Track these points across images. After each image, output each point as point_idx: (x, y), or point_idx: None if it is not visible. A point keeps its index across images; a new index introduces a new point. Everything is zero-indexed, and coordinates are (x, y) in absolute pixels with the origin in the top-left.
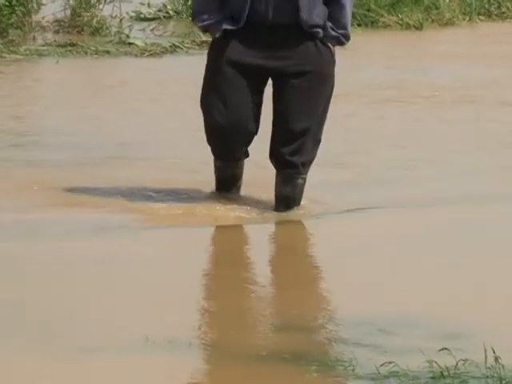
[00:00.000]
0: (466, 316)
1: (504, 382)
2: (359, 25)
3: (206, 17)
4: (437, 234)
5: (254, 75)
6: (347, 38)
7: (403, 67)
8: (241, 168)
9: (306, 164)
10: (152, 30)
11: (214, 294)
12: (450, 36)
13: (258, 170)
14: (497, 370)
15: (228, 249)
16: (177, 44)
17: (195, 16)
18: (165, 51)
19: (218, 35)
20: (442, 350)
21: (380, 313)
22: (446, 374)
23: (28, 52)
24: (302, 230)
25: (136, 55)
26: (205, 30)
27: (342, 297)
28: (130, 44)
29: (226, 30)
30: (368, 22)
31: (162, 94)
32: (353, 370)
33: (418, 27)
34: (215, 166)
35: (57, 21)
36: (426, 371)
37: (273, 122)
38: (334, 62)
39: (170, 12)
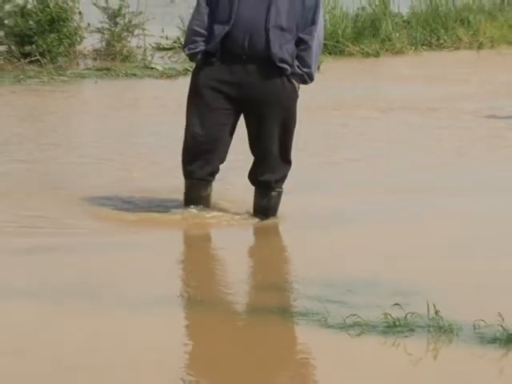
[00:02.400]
0: (412, 279)
1: (442, 329)
2: (330, 53)
3: (191, 46)
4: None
5: (228, 100)
6: (311, 77)
7: (364, 86)
8: (206, 191)
9: (279, 181)
10: (169, 57)
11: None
12: (400, 62)
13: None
14: (437, 321)
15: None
16: (188, 68)
17: (184, 45)
18: (179, 74)
19: (198, 62)
20: (395, 305)
21: (346, 277)
22: (397, 323)
23: (73, 75)
24: (275, 231)
25: (156, 77)
26: (190, 57)
27: (317, 266)
28: (152, 68)
29: (205, 57)
30: (337, 51)
31: (177, 107)
32: (325, 321)
33: (376, 55)
34: (185, 187)
35: (95, 50)
36: (382, 322)
37: (248, 145)
38: (296, 96)
39: (183, 43)
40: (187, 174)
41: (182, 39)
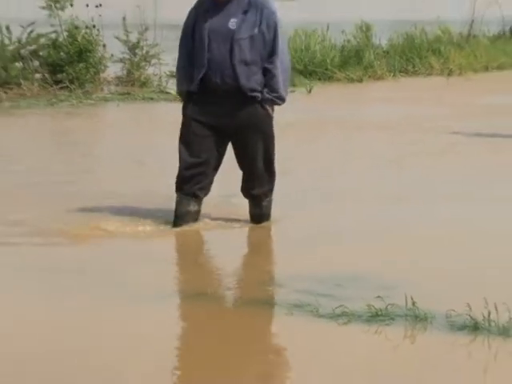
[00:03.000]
0: (393, 274)
1: (418, 318)
2: (319, 79)
3: (179, 86)
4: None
5: (213, 129)
6: (281, 99)
7: (348, 108)
8: (194, 206)
9: (267, 192)
10: None
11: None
12: (380, 87)
13: None
14: (413, 311)
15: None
16: None
17: (176, 85)
18: None
19: (184, 99)
20: (377, 297)
21: (334, 273)
22: (379, 313)
23: (98, 98)
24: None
25: (171, 100)
26: (178, 95)
27: (308, 264)
28: (166, 93)
29: (189, 95)
30: (326, 77)
31: None
32: (317, 311)
33: (359, 81)
34: (175, 201)
35: (117, 77)
36: (366, 312)
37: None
38: (270, 119)
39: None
40: (177, 188)
41: None
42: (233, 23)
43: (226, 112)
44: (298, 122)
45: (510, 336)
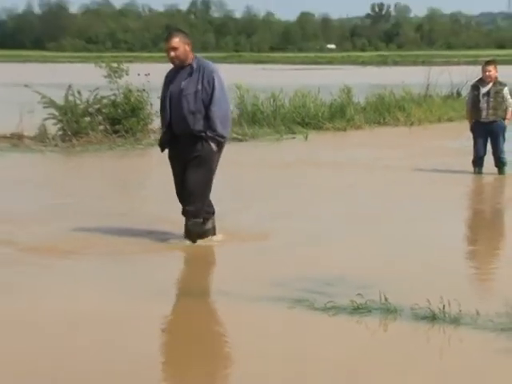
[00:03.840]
0: (370, 275)
1: (389, 311)
2: (313, 128)
3: (162, 130)
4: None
5: (184, 166)
6: (220, 136)
7: (336, 151)
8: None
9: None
10: None
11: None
12: (359, 134)
13: None
14: (386, 305)
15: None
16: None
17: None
18: None
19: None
20: (358, 294)
21: (324, 275)
22: (360, 307)
23: (146, 144)
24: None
25: None
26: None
27: (303, 267)
28: None
29: (163, 139)
30: (318, 127)
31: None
32: (312, 305)
33: (344, 130)
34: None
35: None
36: (350, 306)
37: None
38: (213, 152)
39: None
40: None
41: None
42: (182, 84)
43: (184, 147)
44: (297, 160)
45: (460, 324)
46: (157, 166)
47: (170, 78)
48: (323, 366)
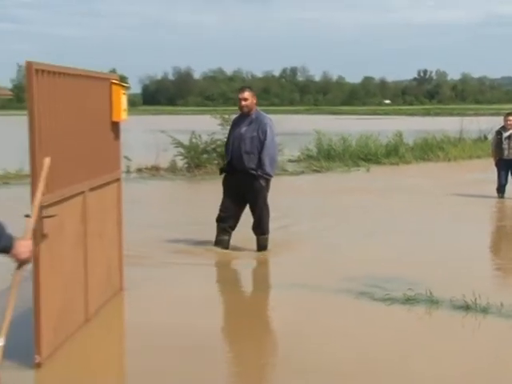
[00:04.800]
0: (419, 275)
1: (433, 302)
2: (373, 163)
3: (224, 163)
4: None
5: (237, 191)
6: (267, 175)
7: (391, 180)
8: (226, 238)
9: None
10: (298, 162)
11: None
12: (409, 168)
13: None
14: (430, 298)
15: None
16: (304, 170)
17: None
18: (300, 173)
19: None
20: (409, 289)
21: (383, 273)
22: (410, 298)
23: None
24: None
25: (290, 174)
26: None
27: (361, 268)
28: (285, 170)
29: (226, 172)
30: (377, 162)
31: (298, 191)
32: (373, 296)
33: (397, 164)
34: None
35: None
36: (402, 297)
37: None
38: (263, 186)
39: None
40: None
41: (303, 157)
42: (243, 129)
43: (240, 181)
44: (361, 187)
45: (488, 313)
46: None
47: (235, 123)
48: (382, 342)
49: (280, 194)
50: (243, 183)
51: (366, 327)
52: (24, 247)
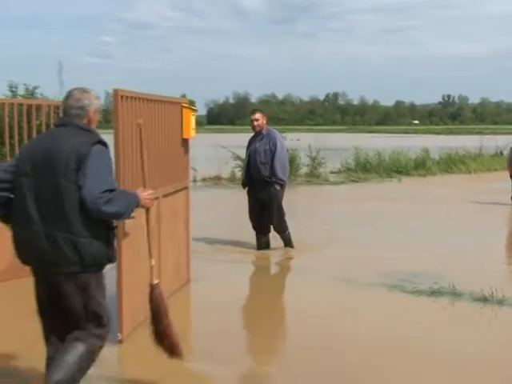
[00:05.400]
0: (443, 270)
1: (455, 294)
2: (404, 175)
3: (244, 174)
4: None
5: (257, 200)
6: (280, 180)
7: (419, 190)
8: (265, 240)
9: (281, 230)
10: (337, 173)
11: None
12: (435, 179)
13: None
14: (453, 291)
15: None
16: (344, 180)
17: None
18: (341, 183)
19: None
20: (434, 283)
21: (411, 269)
22: (435, 291)
23: (295, 183)
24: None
25: (332, 184)
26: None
27: (398, 266)
28: (327, 180)
29: (245, 180)
30: (407, 174)
31: (340, 199)
32: (403, 289)
33: (424, 176)
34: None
35: (305, 173)
36: (428, 290)
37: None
38: (277, 191)
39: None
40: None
41: (343, 169)
42: (257, 145)
43: (258, 188)
44: (393, 196)
45: (503, 305)
46: (302, 198)
47: (250, 142)
48: (411, 328)
49: (322, 201)
50: (261, 190)
51: (397, 315)
52: (147, 196)
